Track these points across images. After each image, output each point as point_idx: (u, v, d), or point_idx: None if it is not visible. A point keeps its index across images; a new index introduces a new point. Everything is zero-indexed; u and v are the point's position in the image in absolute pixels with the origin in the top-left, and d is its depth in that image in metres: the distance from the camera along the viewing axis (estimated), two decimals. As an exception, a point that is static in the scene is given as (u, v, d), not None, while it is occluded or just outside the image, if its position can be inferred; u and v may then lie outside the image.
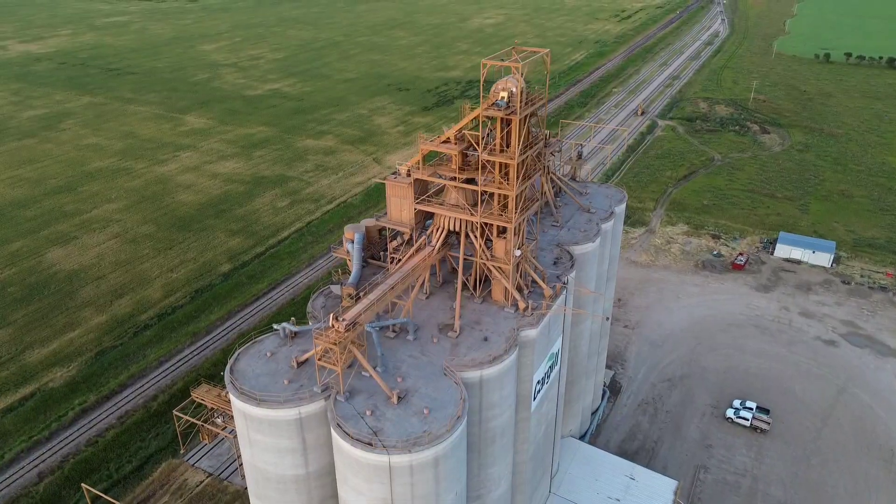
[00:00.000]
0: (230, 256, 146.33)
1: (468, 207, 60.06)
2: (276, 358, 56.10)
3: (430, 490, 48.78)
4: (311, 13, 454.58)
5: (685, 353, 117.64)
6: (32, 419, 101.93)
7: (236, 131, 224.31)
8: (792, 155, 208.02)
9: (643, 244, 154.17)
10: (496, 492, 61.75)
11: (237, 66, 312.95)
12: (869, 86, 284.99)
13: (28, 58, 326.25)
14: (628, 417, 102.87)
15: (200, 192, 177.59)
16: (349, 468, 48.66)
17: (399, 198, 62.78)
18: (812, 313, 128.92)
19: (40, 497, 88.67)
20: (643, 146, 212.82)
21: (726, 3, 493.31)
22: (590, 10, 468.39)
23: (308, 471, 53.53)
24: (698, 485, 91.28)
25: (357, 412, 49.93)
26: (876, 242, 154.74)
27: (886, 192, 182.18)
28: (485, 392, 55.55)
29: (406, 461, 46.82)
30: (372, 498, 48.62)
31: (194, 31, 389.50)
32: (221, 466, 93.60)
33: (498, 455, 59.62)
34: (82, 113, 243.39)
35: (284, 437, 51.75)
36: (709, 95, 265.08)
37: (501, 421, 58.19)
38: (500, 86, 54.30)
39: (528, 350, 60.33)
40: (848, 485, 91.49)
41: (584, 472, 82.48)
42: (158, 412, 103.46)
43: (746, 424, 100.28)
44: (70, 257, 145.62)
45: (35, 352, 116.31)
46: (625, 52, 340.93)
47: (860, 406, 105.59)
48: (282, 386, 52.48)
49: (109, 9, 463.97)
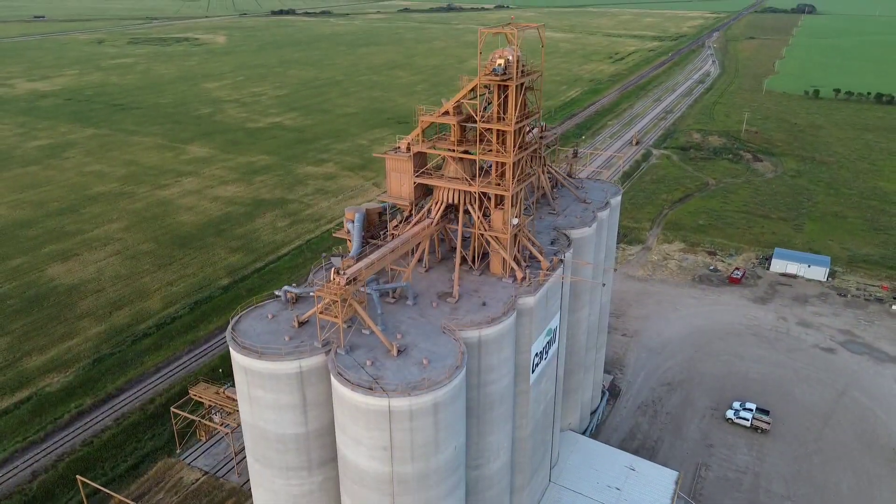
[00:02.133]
0: (230, 271, 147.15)
1: (467, 178, 61.56)
2: (277, 320, 56.69)
3: (429, 438, 48.76)
4: (313, 56, 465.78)
5: (684, 359, 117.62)
6: (28, 421, 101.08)
7: (237, 159, 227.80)
8: (785, 180, 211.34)
9: (640, 260, 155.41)
10: (495, 463, 61.40)
11: (239, 101, 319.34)
12: (858, 119, 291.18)
13: (34, 94, 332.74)
14: (628, 418, 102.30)
15: (201, 214, 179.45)
16: (349, 416, 48.76)
17: (399, 172, 64.33)
18: (810, 323, 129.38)
19: (34, 494, 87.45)
20: (638, 172, 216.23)
21: (716, 47, 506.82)
22: (584, 52, 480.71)
23: (308, 429, 53.47)
24: (699, 481, 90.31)
25: (357, 363, 50.33)
26: (871, 258, 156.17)
27: (879, 213, 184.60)
28: (483, 354, 55.94)
29: (406, 405, 47.02)
30: (372, 447, 48.54)
31: (198, 72, 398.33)
32: (217, 465, 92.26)
33: (497, 423, 59.55)
34: (86, 143, 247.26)
35: (285, 393, 51.91)
36: (702, 127, 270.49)
37: (500, 387, 58.36)
38: (498, 54, 56.51)
39: (526, 319, 60.94)
40: (851, 482, 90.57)
41: (584, 463, 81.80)
42: (155, 414, 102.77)
43: (747, 425, 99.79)
44: (70, 272, 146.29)
45: (32, 359, 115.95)
46: (618, 90, 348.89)
47: (861, 408, 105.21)
48: (283, 342, 52.97)
49: (115, 52, 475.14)
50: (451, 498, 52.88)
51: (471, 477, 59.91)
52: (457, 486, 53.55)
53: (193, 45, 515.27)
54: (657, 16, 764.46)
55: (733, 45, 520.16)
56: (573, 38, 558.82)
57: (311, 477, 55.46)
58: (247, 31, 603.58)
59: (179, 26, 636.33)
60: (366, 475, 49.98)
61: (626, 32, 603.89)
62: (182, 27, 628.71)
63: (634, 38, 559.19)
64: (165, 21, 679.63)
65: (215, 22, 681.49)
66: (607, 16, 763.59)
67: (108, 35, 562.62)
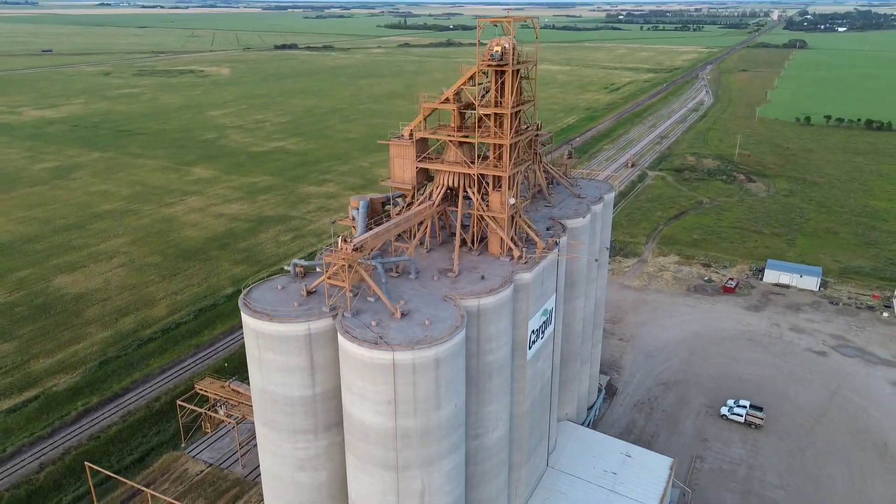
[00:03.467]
0: (234, 281, 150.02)
1: (467, 161, 65.19)
2: (286, 290, 59.63)
3: (431, 393, 51.31)
4: (315, 86, 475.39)
5: (679, 361, 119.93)
6: (35, 418, 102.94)
7: (241, 180, 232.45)
8: (778, 199, 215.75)
9: (636, 272, 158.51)
10: (494, 434, 63.66)
11: (243, 128, 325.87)
12: (849, 143, 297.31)
13: (41, 121, 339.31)
14: (624, 415, 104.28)
15: (205, 229, 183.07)
16: (355, 372, 51.37)
17: (402, 158, 68.02)
18: (802, 329, 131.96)
19: (41, 484, 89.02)
20: (634, 192, 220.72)
21: (710, 79, 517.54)
22: (580, 83, 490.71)
23: (315, 392, 55.98)
24: (695, 472, 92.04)
25: (363, 324, 53.16)
26: (862, 270, 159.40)
27: (870, 229, 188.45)
28: (482, 323, 58.73)
29: (409, 358, 49.72)
30: (377, 401, 51.05)
31: (202, 101, 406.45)
32: (222, 458, 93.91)
33: (496, 393, 62.01)
34: (92, 165, 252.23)
35: (294, 355, 54.57)
36: (696, 151, 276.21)
37: (498, 357, 60.99)
38: (495, 42, 60.67)
39: (522, 294, 63.87)
40: (844, 474, 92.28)
41: (581, 450, 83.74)
42: (161, 411, 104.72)
43: (741, 421, 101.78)
44: (76, 283, 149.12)
45: (39, 361, 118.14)
46: (614, 117, 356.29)
47: (853, 406, 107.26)
48: (292, 308, 55.83)
49: (121, 82, 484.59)
50: (451, 457, 55.13)
51: (471, 446, 62.10)
52: (457, 447, 55.83)
53: (198, 76, 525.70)
54: (651, 50, 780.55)
55: (726, 76, 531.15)
56: (570, 70, 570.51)
57: (317, 441, 57.72)
58: (250, 64, 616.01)
59: (185, 60, 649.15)
60: (371, 431, 52.37)
61: (622, 65, 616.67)
62: (187, 60, 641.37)
63: (630, 71, 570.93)
64: (171, 55, 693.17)
65: (220, 56, 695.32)
66: (603, 50, 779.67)
67: (114, 68, 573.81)
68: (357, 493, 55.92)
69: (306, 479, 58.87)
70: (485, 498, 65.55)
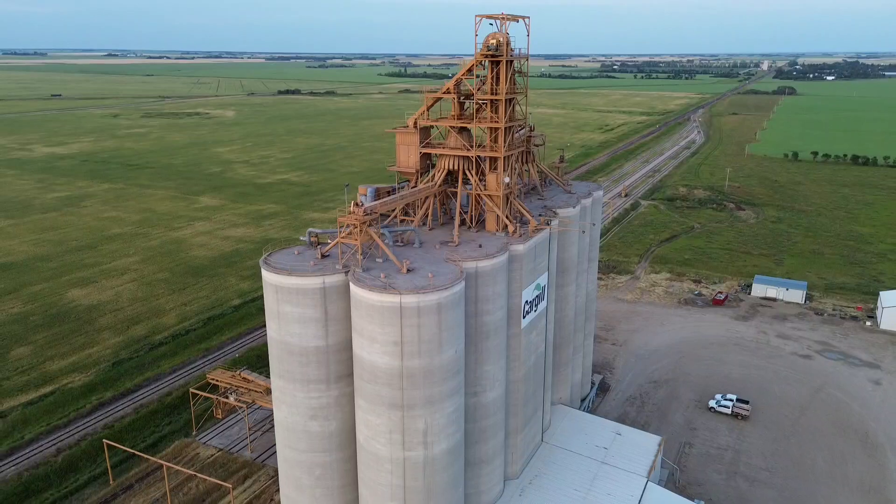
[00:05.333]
0: (241, 294, 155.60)
1: (466, 145, 72.20)
2: (302, 255, 65.66)
3: (433, 335, 56.83)
4: (318, 126, 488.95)
5: (670, 363, 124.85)
6: (51, 411, 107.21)
7: (247, 208, 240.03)
8: (766, 225, 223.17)
9: (629, 287, 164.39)
10: (491, 393, 68.75)
11: (248, 162, 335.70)
12: (836, 177, 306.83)
13: (52, 157, 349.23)
14: (616, 408, 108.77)
15: (213, 249, 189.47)
16: (365, 317, 56.99)
17: (406, 145, 75.01)
18: (788, 335, 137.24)
19: (58, 466, 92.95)
20: (627, 219, 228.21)
21: (702, 121, 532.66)
22: (575, 125, 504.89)
23: (328, 343, 61.43)
24: (684, 456, 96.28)
25: (373, 277, 59.12)
26: (846, 286, 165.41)
27: (855, 251, 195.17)
28: (480, 285, 64.57)
29: (414, 302, 55.49)
30: (385, 342, 56.53)
31: (209, 139, 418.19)
32: (231, 444, 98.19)
33: (492, 353, 67.38)
34: (102, 195, 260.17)
35: (309, 307, 60.27)
36: (688, 183, 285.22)
37: (494, 318, 66.63)
38: (491, 36, 68.37)
39: (517, 264, 69.93)
40: (826, 458, 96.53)
41: (574, 429, 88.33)
42: (172, 405, 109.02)
43: (728, 412, 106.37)
44: (89, 296, 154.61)
45: (55, 363, 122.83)
46: (609, 153, 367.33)
47: (835, 401, 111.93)
48: (309, 267, 61.86)
49: (130, 123, 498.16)
50: (452, 399, 60.24)
51: (469, 403, 67.15)
52: (457, 391, 60.99)
53: (204, 118, 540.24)
54: (645, 96, 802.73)
55: (717, 119, 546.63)
56: (565, 113, 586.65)
57: (328, 390, 62.87)
58: (255, 108, 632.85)
59: (191, 103, 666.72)
60: (380, 372, 57.68)
61: (616, 109, 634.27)
62: (193, 104, 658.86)
63: (623, 114, 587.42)
64: (177, 99, 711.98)
65: (225, 100, 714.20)
66: (598, 95, 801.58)
67: (122, 111, 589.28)
68: (365, 435, 60.84)
69: (318, 427, 63.74)
70: (483, 455, 70.20)
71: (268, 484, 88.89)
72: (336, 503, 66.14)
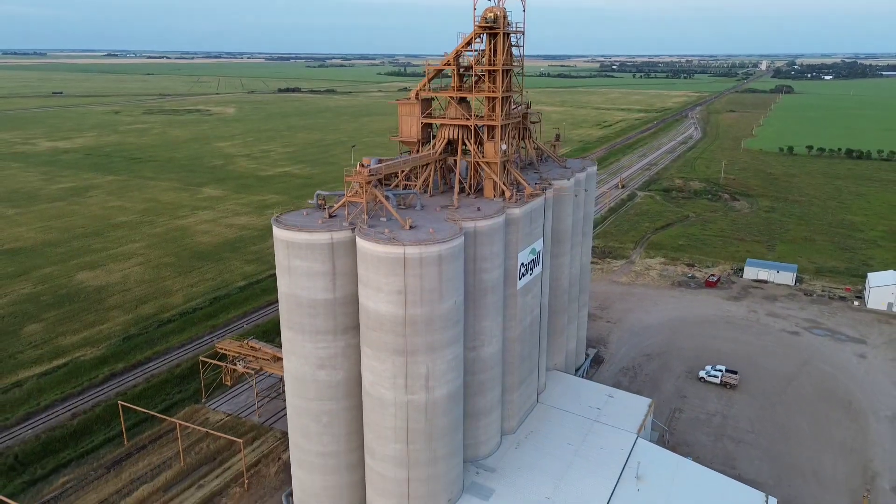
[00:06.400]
0: (245, 277, 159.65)
1: (465, 115, 76.27)
2: (311, 216, 69.66)
3: (435, 285, 60.82)
4: (318, 123, 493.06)
5: (662, 339, 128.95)
6: (65, 381, 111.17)
7: (249, 198, 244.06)
8: (759, 214, 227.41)
9: (624, 271, 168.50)
10: (489, 348, 72.75)
11: (250, 156, 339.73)
12: (830, 170, 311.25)
13: (56, 151, 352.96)
14: (610, 378, 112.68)
15: (217, 236, 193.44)
16: (371, 268, 60.95)
17: (409, 115, 79.09)
18: (778, 314, 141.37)
19: (74, 429, 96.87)
20: (624, 209, 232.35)
21: (699, 118, 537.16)
22: (574, 121, 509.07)
23: (335, 296, 65.37)
24: (674, 421, 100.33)
25: (377, 232, 63.15)
26: (836, 269, 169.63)
27: (846, 238, 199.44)
28: (478, 244, 68.57)
29: (417, 253, 59.47)
30: (389, 291, 60.49)
31: (210, 134, 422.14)
32: (240, 409, 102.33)
33: (489, 309, 71.40)
34: (107, 186, 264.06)
35: (318, 261, 64.24)
36: (683, 175, 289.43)
37: (492, 276, 70.64)
38: (489, 10, 72.45)
39: (513, 227, 74.01)
40: (810, 423, 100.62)
41: (568, 391, 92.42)
42: (181, 375, 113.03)
43: (717, 382, 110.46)
44: (97, 278, 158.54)
45: (66, 338, 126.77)
46: (606, 148, 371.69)
47: (821, 373, 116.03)
48: (318, 224, 65.87)
49: (131, 119, 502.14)
50: (451, 348, 64.17)
51: (468, 357, 71.15)
52: (456, 340, 64.93)
53: (205, 115, 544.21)
54: (643, 94, 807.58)
55: (715, 116, 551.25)
56: (563, 110, 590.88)
57: (335, 341, 66.82)
58: (255, 105, 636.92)
59: (191, 101, 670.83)
60: (384, 320, 61.63)
61: (614, 106, 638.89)
62: (193, 101, 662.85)
63: (621, 111, 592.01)
64: (177, 97, 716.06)
65: (225, 98, 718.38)
66: (596, 94, 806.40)
67: (123, 108, 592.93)
68: (371, 381, 64.82)
69: (325, 377, 67.70)
70: (481, 408, 74.22)
71: (275, 444, 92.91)
72: (342, 449, 70.10)
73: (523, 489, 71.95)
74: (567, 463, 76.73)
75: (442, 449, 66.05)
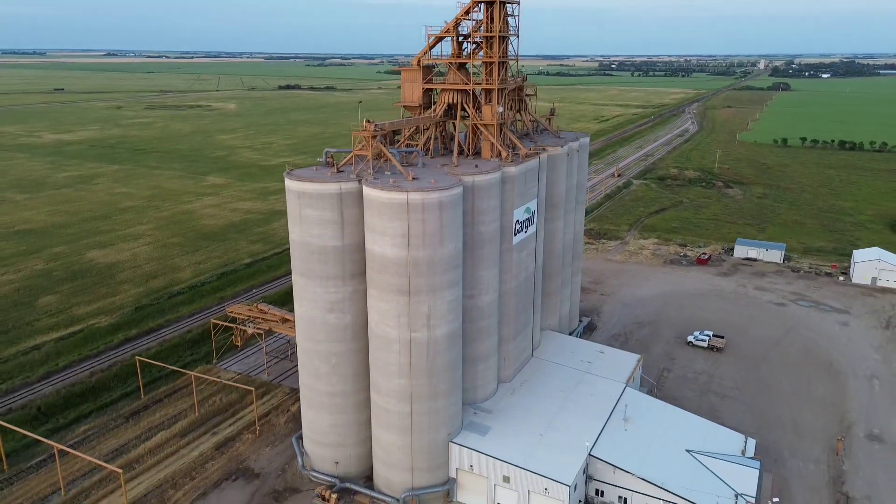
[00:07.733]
0: (251, 255, 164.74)
1: (463, 80, 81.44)
2: (321, 171, 74.77)
3: (436, 230, 65.94)
4: (319, 117, 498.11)
5: (653, 309, 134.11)
6: (82, 345, 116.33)
7: (253, 185, 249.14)
8: (752, 200, 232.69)
9: (618, 250, 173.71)
10: (486, 297, 77.88)
11: (252, 148, 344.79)
12: (822, 160, 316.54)
13: (61, 143, 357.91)
14: (602, 342, 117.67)
15: (222, 219, 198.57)
16: (376, 214, 66.09)
17: (411, 82, 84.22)
18: (765, 288, 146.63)
19: (92, 385, 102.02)
20: (619, 195, 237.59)
21: (696, 113, 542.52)
22: (572, 116, 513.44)
23: (344, 243, 70.49)
24: (663, 379, 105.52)
25: (383, 182, 68.31)
26: (824, 249, 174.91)
27: (835, 221, 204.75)
28: (476, 198, 73.71)
29: (419, 199, 64.60)
30: (393, 235, 65.60)
31: (212, 128, 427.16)
32: (249, 369, 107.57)
33: (487, 260, 76.53)
34: (112, 174, 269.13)
35: (328, 210, 69.37)
36: (679, 165, 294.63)
37: (489, 228, 75.77)
38: (485, -20, 77.66)
39: (509, 185, 79.17)
40: (792, 381, 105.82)
41: (562, 348, 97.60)
42: (193, 340, 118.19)
43: (704, 346, 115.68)
44: (108, 256, 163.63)
45: (81, 308, 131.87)
46: (604, 140, 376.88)
47: (804, 339, 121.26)
48: (327, 177, 71.02)
49: (133, 114, 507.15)
50: (451, 290, 69.32)
51: (467, 305, 76.27)
52: (456, 283, 70.07)
53: (206, 110, 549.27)
54: (641, 91, 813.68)
55: (712, 111, 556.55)
56: (561, 106, 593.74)
57: (344, 286, 71.95)
58: (256, 101, 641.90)
59: (192, 97, 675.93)
60: (389, 262, 66.77)
61: (612, 103, 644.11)
62: (195, 98, 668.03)
63: (619, 107, 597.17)
64: (179, 94, 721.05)
65: (226, 94, 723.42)
66: (594, 91, 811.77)
67: (125, 103, 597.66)
68: (376, 321, 69.96)
69: (334, 320, 72.83)
70: (479, 353, 79.37)
71: (284, 398, 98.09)
72: (349, 389, 75.26)
73: (518, 428, 77.12)
74: (559, 407, 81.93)
75: (442, 385, 71.23)
